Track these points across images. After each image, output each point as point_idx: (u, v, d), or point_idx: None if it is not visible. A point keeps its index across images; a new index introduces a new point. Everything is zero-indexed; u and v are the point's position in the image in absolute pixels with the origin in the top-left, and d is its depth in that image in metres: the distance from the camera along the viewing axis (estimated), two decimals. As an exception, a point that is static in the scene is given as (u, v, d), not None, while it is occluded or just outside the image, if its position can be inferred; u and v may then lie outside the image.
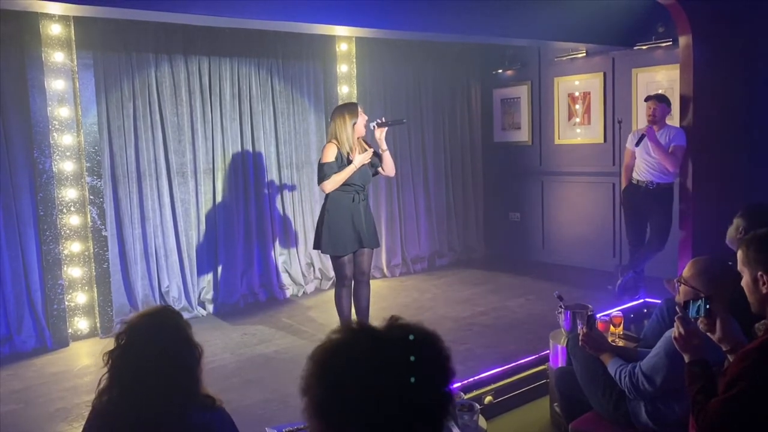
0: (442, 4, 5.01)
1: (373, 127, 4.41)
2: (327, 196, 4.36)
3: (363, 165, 4.33)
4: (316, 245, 4.46)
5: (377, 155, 4.44)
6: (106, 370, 1.87)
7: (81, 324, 5.06)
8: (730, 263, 2.71)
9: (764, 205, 3.44)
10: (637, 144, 5.20)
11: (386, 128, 4.43)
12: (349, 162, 4.27)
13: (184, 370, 1.85)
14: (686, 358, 2.10)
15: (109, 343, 1.90)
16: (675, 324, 2.14)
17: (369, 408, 1.11)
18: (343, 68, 6.45)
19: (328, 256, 4.58)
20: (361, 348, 1.17)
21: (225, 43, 5.68)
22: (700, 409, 1.92)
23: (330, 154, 4.27)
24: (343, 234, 4.29)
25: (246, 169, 5.94)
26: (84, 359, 4.67)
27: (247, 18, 4.41)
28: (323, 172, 4.29)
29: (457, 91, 7.39)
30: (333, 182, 4.25)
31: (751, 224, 3.09)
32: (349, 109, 4.36)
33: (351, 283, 4.41)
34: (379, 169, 4.48)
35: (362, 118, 4.33)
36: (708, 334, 2.10)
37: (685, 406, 2.37)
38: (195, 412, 1.85)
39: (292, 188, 6.25)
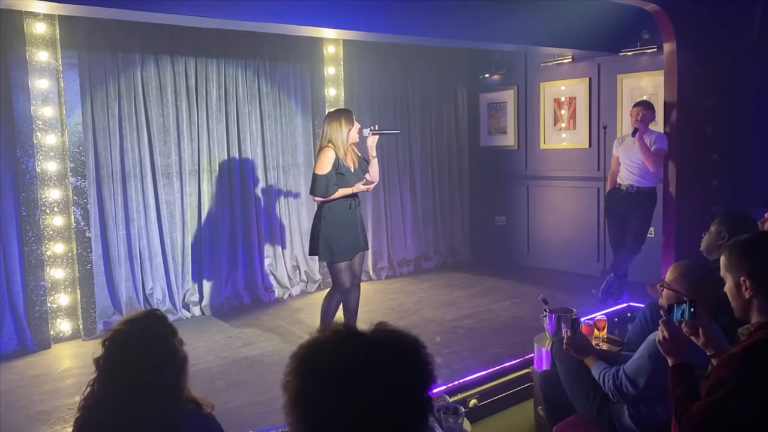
0: (429, 8, 5.03)
1: (367, 134, 4.39)
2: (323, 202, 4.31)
3: (357, 170, 4.32)
4: (313, 252, 4.36)
5: (365, 161, 4.44)
6: (93, 376, 1.85)
7: (63, 326, 5.00)
8: (713, 267, 2.75)
9: (743, 213, 3.49)
10: (634, 134, 5.25)
11: (378, 136, 4.43)
12: (345, 167, 4.25)
13: (167, 377, 1.83)
14: (670, 362, 2.12)
15: (94, 347, 1.88)
16: (659, 327, 2.16)
17: (344, 407, 1.11)
18: (330, 71, 6.45)
19: (315, 259, 4.53)
20: (342, 347, 1.16)
21: (212, 44, 5.66)
22: (683, 412, 1.93)
23: (327, 163, 4.19)
24: (343, 241, 4.25)
25: (232, 171, 5.92)
26: (66, 361, 4.62)
27: (235, 19, 4.40)
28: (320, 185, 4.20)
29: (444, 95, 7.42)
30: (327, 199, 4.22)
31: (734, 231, 3.13)
32: (346, 115, 4.31)
33: (346, 291, 4.35)
34: (366, 175, 4.46)
35: (356, 126, 4.33)
36: (692, 338, 2.12)
37: (668, 409, 2.39)
38: (183, 419, 1.83)
39: (278, 191, 6.23)
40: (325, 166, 4.20)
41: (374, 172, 4.45)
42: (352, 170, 4.30)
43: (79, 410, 1.87)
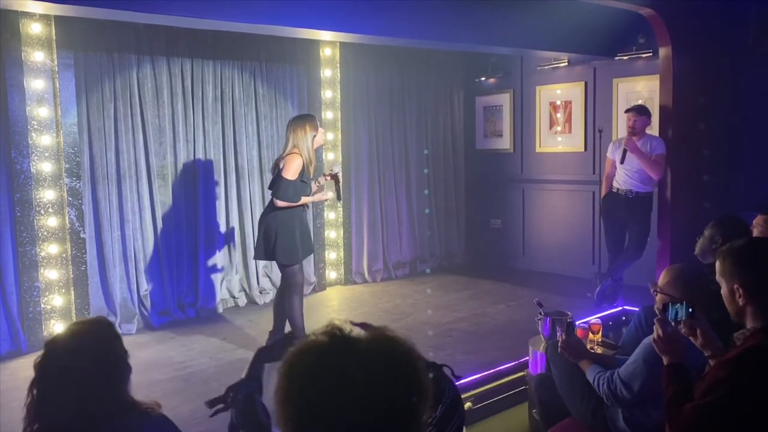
0: (426, 11, 5.04)
1: (337, 170, 4.61)
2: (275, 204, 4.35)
3: (312, 179, 4.43)
4: (269, 256, 4.36)
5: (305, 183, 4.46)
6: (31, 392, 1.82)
7: (57, 327, 4.95)
8: (706, 270, 2.75)
9: (737, 217, 3.50)
10: (622, 161, 5.25)
11: (328, 178, 4.62)
12: (306, 176, 4.34)
13: (108, 382, 1.82)
14: (665, 361, 2.12)
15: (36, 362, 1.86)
16: (654, 326, 2.17)
17: (330, 409, 1.11)
18: (326, 73, 6.45)
19: (311, 261, 4.61)
20: (334, 350, 1.16)
21: (208, 45, 5.65)
22: (674, 412, 1.94)
23: (296, 170, 4.24)
24: (298, 242, 4.34)
25: (227, 173, 5.91)
26: (59, 363, 4.59)
27: (231, 21, 4.39)
28: (287, 191, 4.24)
29: (441, 98, 7.42)
30: (290, 205, 4.28)
31: (727, 235, 3.14)
32: (311, 121, 4.36)
33: (302, 291, 4.51)
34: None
35: (320, 132, 4.36)
36: (690, 338, 2.13)
37: (662, 412, 2.39)
38: (122, 427, 1.81)
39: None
40: (294, 172, 4.24)
41: (318, 197, 4.66)
42: (311, 178, 4.42)
43: (23, 420, 1.82)
